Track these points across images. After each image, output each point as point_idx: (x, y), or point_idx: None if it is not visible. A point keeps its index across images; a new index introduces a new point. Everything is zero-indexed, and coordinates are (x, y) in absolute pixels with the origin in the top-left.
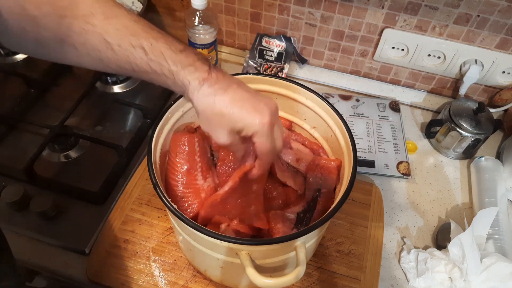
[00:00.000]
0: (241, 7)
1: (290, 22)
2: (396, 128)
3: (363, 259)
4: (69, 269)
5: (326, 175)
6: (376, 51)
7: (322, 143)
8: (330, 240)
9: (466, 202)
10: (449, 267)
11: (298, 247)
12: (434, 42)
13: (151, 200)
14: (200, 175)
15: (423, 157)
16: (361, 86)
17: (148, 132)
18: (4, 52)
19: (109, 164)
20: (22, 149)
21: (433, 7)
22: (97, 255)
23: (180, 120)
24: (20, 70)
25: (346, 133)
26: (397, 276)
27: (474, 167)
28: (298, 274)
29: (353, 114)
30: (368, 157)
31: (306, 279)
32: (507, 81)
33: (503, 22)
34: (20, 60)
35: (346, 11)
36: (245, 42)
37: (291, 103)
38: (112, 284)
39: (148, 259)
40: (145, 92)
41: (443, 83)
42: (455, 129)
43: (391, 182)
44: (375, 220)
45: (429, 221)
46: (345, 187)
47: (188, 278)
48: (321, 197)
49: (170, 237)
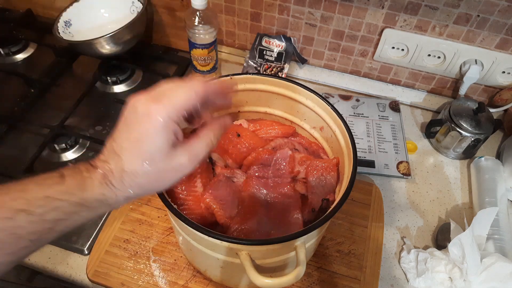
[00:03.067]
0: (241, 7)
1: (290, 22)
2: (396, 128)
3: (363, 259)
4: (68, 270)
5: (326, 174)
6: (376, 51)
7: (322, 143)
8: (330, 240)
9: (466, 202)
10: (449, 267)
11: (298, 247)
12: (434, 42)
13: (151, 200)
14: (199, 182)
15: (423, 157)
16: (361, 86)
17: None
18: (4, 52)
19: None
20: (22, 149)
21: (433, 7)
22: (97, 255)
23: None
24: (20, 70)
25: (346, 133)
26: (397, 276)
27: (474, 167)
28: (298, 274)
29: (353, 114)
30: (368, 157)
31: (306, 279)
32: (507, 81)
33: (503, 22)
34: (20, 60)
35: (346, 11)
36: (245, 42)
37: (291, 103)
38: (112, 284)
39: (148, 259)
40: None
41: (443, 83)
42: (455, 129)
43: (391, 182)
44: (375, 220)
45: (429, 221)
46: (345, 187)
47: (188, 278)
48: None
49: (170, 237)
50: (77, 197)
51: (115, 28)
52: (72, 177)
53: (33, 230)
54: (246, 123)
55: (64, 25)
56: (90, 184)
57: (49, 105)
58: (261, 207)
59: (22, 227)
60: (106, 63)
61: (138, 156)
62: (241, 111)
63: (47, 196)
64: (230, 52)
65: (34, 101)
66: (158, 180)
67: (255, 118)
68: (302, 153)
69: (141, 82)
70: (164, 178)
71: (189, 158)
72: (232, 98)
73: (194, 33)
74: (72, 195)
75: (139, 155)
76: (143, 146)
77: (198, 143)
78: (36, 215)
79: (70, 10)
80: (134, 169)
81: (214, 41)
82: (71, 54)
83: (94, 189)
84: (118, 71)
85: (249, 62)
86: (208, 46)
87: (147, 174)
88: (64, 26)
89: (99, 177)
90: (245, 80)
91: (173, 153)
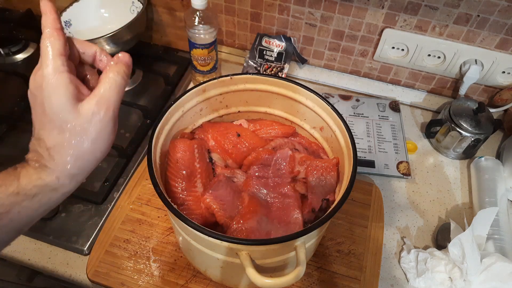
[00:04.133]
0: (241, 7)
1: (290, 22)
2: (396, 128)
3: (363, 259)
4: (69, 269)
5: (326, 174)
6: (376, 51)
7: (322, 143)
8: (330, 240)
9: (466, 202)
10: (449, 267)
11: (298, 247)
12: (434, 42)
13: (151, 200)
14: (200, 182)
15: (423, 157)
16: (361, 86)
17: (148, 132)
18: (4, 52)
19: (109, 164)
20: (23, 149)
21: (433, 7)
22: (97, 255)
23: (180, 120)
24: (20, 70)
25: (346, 133)
26: (397, 276)
27: (474, 167)
28: (298, 274)
29: (353, 114)
30: (368, 157)
31: (306, 279)
32: (507, 81)
33: (503, 22)
34: (20, 60)
35: (346, 11)
36: (245, 42)
37: (291, 103)
38: (112, 284)
39: (148, 259)
40: (145, 92)
41: (443, 83)
42: (455, 129)
43: (391, 182)
44: (375, 220)
45: (429, 221)
46: (345, 187)
47: (188, 278)
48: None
49: (170, 237)
50: (13, 187)
51: (115, 28)
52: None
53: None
54: (246, 123)
55: (64, 25)
56: (24, 173)
57: None
58: (261, 207)
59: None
60: None
61: (51, 127)
62: (241, 111)
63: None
64: (230, 52)
65: None
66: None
67: (255, 118)
68: (302, 153)
69: (141, 82)
70: (89, 135)
71: (97, 102)
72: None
73: (194, 33)
74: (6, 187)
75: (51, 125)
76: (49, 115)
77: (102, 85)
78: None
79: (70, 10)
80: (55, 140)
81: (214, 41)
82: None
83: (30, 176)
84: None
85: (249, 62)
86: (208, 46)
87: (68, 140)
88: (64, 26)
89: (32, 164)
90: (245, 80)
91: (80, 104)
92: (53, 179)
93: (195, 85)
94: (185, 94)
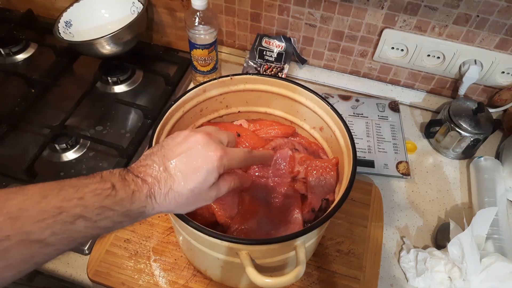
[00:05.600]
0: (241, 7)
1: (290, 22)
2: (396, 128)
3: (362, 258)
4: (69, 269)
5: (326, 174)
6: (376, 51)
7: (322, 143)
8: (330, 240)
9: (465, 202)
10: (449, 267)
11: (298, 246)
12: (434, 42)
13: None
14: None
15: (422, 157)
16: (360, 86)
17: (149, 132)
18: (4, 52)
19: (110, 164)
20: (23, 149)
21: (433, 8)
22: (98, 254)
23: (181, 120)
24: (20, 70)
25: (346, 133)
26: (396, 276)
27: (474, 167)
28: (298, 274)
29: (352, 114)
30: (367, 157)
31: (306, 278)
32: (507, 81)
33: (503, 22)
34: (21, 60)
35: (345, 11)
36: (245, 42)
37: (291, 103)
38: (112, 284)
39: (149, 259)
40: (145, 92)
41: (442, 83)
42: (455, 129)
43: (391, 182)
44: (375, 220)
45: (428, 221)
46: (344, 187)
47: (188, 277)
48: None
49: (171, 236)
50: (125, 208)
51: (115, 28)
52: (123, 190)
53: (86, 235)
54: (246, 123)
55: (64, 26)
56: (137, 197)
57: (50, 105)
58: (261, 207)
59: (79, 231)
60: (106, 63)
61: (190, 182)
62: (241, 111)
63: (103, 206)
64: (230, 53)
65: (34, 101)
66: (190, 204)
67: (255, 118)
68: (302, 153)
69: (141, 82)
70: (193, 204)
71: (216, 194)
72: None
73: (194, 33)
74: (122, 207)
75: (192, 182)
76: (198, 177)
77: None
78: (92, 222)
79: (70, 10)
80: (182, 191)
81: (214, 42)
82: (72, 54)
83: (140, 202)
84: (119, 71)
85: (249, 62)
86: (208, 46)
87: (187, 198)
88: (65, 26)
89: (146, 191)
90: (245, 81)
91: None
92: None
93: (196, 85)
94: (185, 94)
